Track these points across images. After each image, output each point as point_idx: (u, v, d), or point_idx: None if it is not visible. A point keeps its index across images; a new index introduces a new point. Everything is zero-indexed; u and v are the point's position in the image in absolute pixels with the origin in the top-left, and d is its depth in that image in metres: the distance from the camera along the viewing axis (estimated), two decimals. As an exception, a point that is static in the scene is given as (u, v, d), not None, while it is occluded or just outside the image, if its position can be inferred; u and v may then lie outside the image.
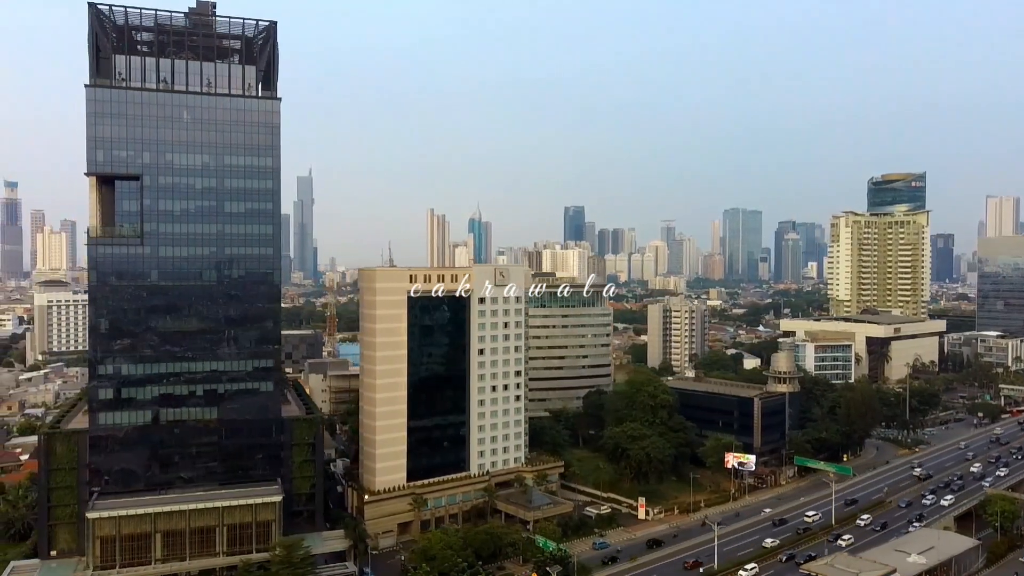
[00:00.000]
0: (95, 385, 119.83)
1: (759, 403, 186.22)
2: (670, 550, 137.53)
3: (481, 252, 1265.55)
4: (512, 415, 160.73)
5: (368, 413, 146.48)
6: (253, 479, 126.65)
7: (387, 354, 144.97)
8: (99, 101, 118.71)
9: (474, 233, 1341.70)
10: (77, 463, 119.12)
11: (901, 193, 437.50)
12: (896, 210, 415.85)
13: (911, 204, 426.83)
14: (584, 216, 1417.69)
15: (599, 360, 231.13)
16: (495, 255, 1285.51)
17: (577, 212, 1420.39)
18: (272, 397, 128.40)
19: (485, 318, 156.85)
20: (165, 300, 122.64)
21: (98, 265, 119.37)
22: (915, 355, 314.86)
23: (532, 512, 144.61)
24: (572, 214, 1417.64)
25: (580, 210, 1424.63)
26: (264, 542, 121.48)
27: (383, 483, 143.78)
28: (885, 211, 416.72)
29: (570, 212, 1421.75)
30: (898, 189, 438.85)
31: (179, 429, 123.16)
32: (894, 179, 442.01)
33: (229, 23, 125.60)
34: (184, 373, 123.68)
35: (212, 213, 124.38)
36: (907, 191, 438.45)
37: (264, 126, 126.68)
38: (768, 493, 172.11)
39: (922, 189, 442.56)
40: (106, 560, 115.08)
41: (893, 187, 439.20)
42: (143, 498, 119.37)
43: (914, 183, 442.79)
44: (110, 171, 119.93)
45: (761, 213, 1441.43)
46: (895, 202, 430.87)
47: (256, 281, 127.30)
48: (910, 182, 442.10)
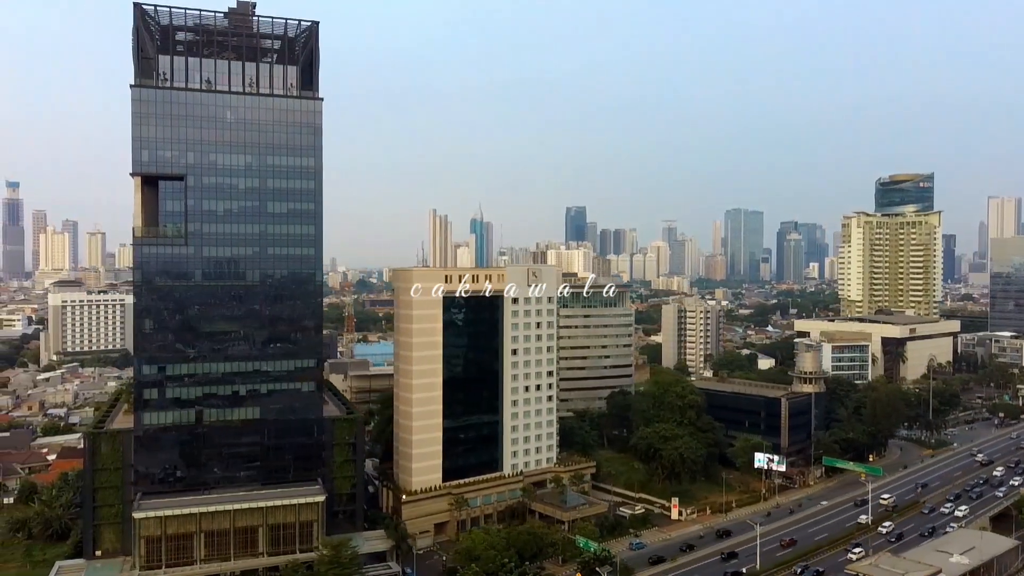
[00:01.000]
0: (139, 385, 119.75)
1: (786, 403, 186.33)
2: (735, 540, 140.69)
3: (482, 252, 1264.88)
4: (544, 415, 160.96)
5: (404, 413, 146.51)
6: (293, 479, 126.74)
7: (423, 354, 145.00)
8: (144, 101, 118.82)
9: (476, 233, 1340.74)
10: (122, 463, 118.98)
11: (909, 193, 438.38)
12: (904, 211, 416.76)
13: (919, 204, 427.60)
14: (586, 216, 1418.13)
15: (621, 360, 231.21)
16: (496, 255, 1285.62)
17: (579, 212, 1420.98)
18: (314, 397, 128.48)
19: (518, 318, 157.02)
20: (208, 300, 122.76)
21: (143, 265, 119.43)
22: (930, 355, 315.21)
23: (568, 512, 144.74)
24: (574, 214, 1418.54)
25: (582, 210, 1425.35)
26: (306, 542, 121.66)
27: (419, 483, 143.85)
28: (893, 212, 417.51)
29: (571, 212, 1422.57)
30: (906, 190, 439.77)
31: (221, 429, 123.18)
32: (902, 180, 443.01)
33: (272, 23, 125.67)
34: (227, 373, 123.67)
35: (255, 213, 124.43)
36: (915, 191, 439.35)
37: (306, 126, 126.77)
38: (798, 493, 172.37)
39: (930, 190, 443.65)
40: (151, 560, 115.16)
41: (901, 188, 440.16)
42: (186, 498, 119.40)
43: (922, 183, 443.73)
44: (155, 171, 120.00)
45: (762, 213, 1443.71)
46: (903, 203, 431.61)
47: (298, 281, 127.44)
48: (918, 183, 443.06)
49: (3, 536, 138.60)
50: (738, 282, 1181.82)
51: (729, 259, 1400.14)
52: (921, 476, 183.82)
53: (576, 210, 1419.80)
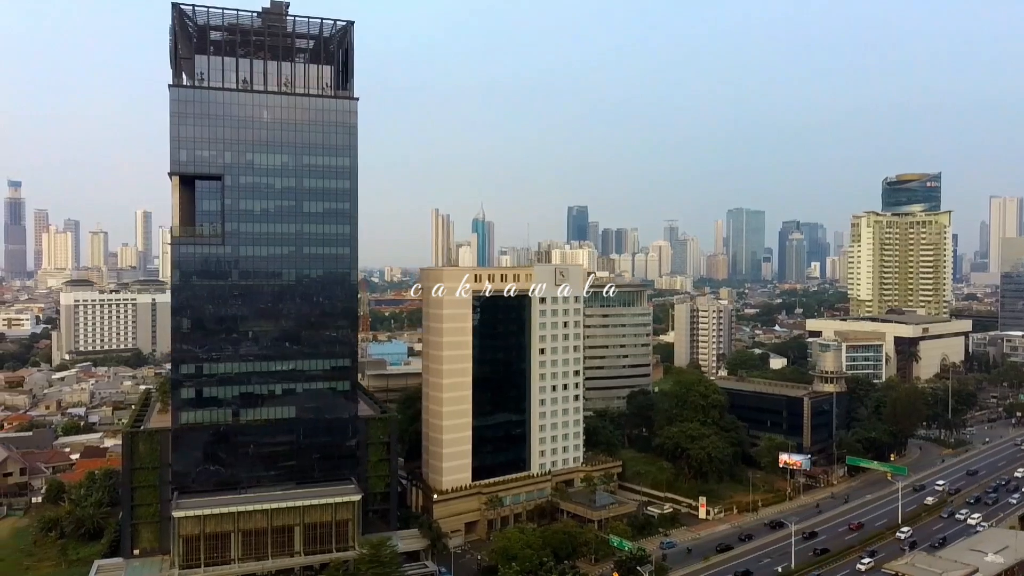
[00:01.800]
0: (176, 384, 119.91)
1: (809, 403, 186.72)
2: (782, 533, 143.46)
3: (484, 252, 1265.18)
4: (571, 415, 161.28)
5: (434, 412, 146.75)
6: (327, 478, 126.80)
7: (453, 353, 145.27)
8: (182, 101, 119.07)
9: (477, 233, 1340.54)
10: (159, 462, 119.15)
11: (916, 193, 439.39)
12: (911, 210, 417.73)
13: (926, 204, 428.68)
14: (587, 216, 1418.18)
15: (639, 360, 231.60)
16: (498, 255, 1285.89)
17: (580, 212, 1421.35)
18: (349, 396, 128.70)
19: (546, 318, 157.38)
20: (245, 299, 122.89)
21: (180, 265, 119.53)
22: (943, 355, 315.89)
23: (598, 512, 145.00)
24: (575, 214, 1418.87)
25: (584, 210, 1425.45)
26: (341, 542, 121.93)
27: (449, 482, 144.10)
28: (900, 211, 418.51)
29: (573, 212, 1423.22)
30: (913, 189, 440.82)
31: (257, 428, 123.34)
32: (909, 179, 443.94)
33: (308, 23, 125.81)
34: (262, 372, 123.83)
35: (291, 213, 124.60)
36: (922, 191, 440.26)
37: (342, 126, 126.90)
38: (822, 492, 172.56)
39: (937, 189, 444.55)
40: (189, 559, 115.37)
41: (908, 187, 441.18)
42: (223, 497, 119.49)
43: (929, 183, 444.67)
44: (193, 171, 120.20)
45: (764, 213, 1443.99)
46: (910, 202, 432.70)
47: (333, 280, 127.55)
48: (925, 182, 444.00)
49: (36, 535, 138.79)
50: (740, 281, 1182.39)
51: (731, 259, 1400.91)
52: (951, 473, 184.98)
53: (578, 209, 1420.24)
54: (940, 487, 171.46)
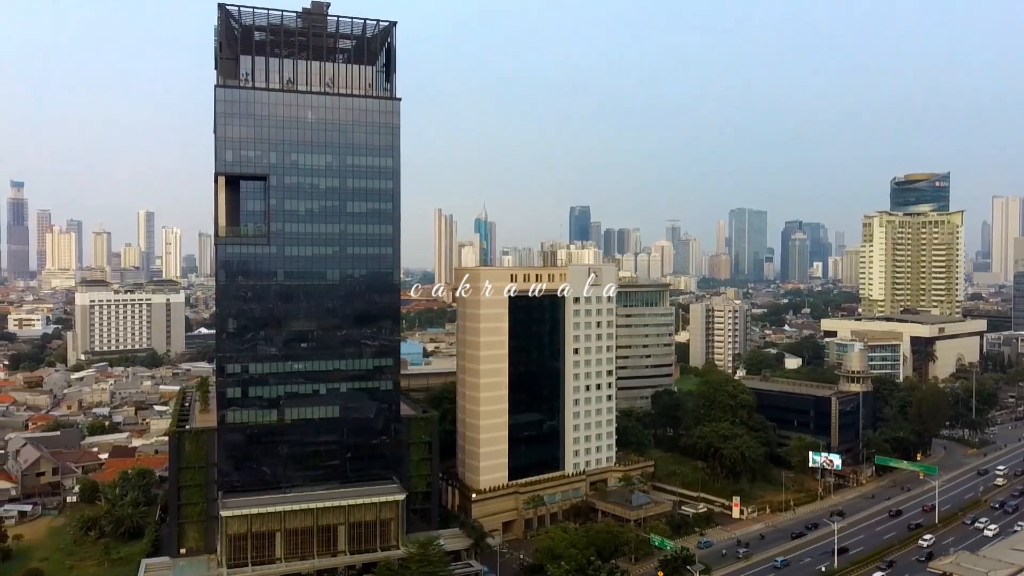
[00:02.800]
0: (222, 384, 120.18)
1: (837, 402, 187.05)
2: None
3: (487, 252, 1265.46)
4: (604, 414, 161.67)
5: (471, 412, 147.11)
6: (370, 478, 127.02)
7: (490, 353, 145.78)
8: (228, 101, 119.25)
9: (480, 233, 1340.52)
10: (205, 462, 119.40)
11: (924, 193, 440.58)
12: (919, 210, 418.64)
13: (934, 204, 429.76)
14: (590, 216, 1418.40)
15: (662, 360, 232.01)
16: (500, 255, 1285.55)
17: (583, 212, 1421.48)
18: (392, 395, 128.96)
19: (580, 317, 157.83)
20: (290, 299, 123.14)
21: (226, 265, 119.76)
22: (958, 355, 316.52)
23: (634, 511, 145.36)
24: (578, 214, 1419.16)
25: (586, 210, 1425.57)
26: (385, 541, 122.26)
27: (486, 482, 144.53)
28: (908, 211, 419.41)
29: (576, 212, 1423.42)
30: (921, 189, 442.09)
31: (301, 427, 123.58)
32: (917, 179, 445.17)
33: (352, 23, 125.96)
34: (307, 372, 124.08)
35: (335, 213, 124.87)
36: (931, 191, 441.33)
37: (384, 126, 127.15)
38: (853, 492, 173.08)
39: (946, 189, 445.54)
40: (236, 558, 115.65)
41: (916, 187, 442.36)
42: (269, 497, 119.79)
43: (938, 183, 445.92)
44: (238, 171, 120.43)
45: (766, 213, 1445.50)
46: (919, 202, 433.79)
47: (376, 280, 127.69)
48: (934, 182, 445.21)
49: (75, 534, 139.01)
50: (743, 281, 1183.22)
51: (733, 259, 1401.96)
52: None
53: (580, 210, 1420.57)
54: (1001, 471, 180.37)
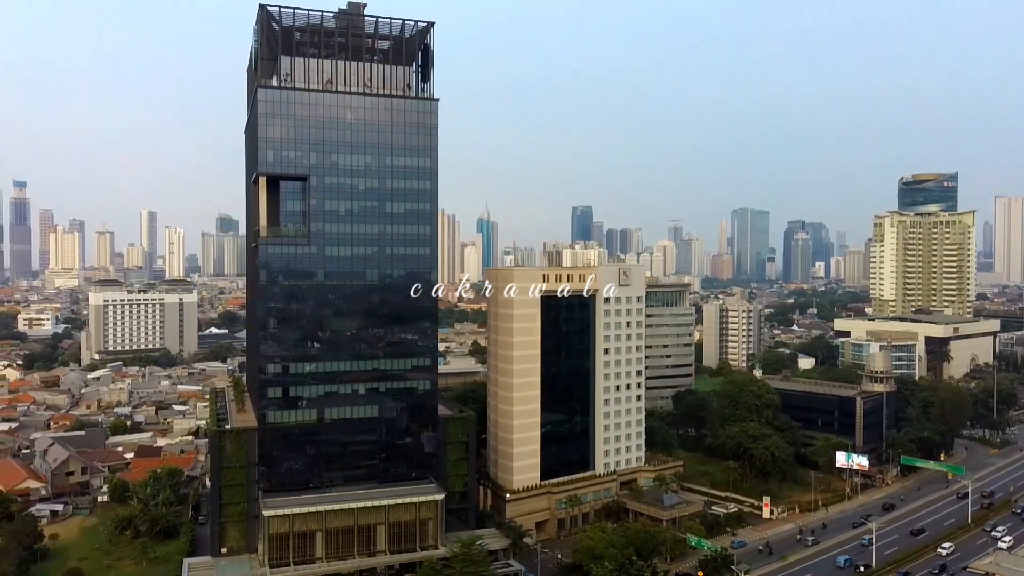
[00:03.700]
0: (263, 384, 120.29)
1: (862, 402, 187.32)
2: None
3: (489, 252, 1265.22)
4: (633, 415, 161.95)
5: (503, 412, 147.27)
6: (407, 477, 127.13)
7: (523, 353, 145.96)
8: (269, 102, 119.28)
9: (482, 233, 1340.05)
10: (246, 461, 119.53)
11: (932, 193, 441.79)
12: (927, 210, 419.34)
13: (942, 204, 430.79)
14: (592, 216, 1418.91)
15: (682, 360, 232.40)
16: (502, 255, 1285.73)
17: (585, 212, 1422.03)
18: (429, 395, 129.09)
19: (610, 318, 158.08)
20: (330, 299, 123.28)
21: (267, 265, 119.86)
22: (972, 354, 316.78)
23: (667, 511, 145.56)
24: (580, 214, 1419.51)
25: (588, 210, 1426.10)
26: (423, 541, 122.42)
27: (519, 482, 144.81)
28: (916, 211, 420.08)
29: (578, 212, 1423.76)
30: (929, 189, 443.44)
31: (341, 427, 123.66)
32: (925, 179, 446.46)
33: (390, 23, 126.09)
34: (346, 372, 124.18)
35: (374, 213, 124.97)
36: (939, 191, 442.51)
37: (423, 127, 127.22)
38: (880, 492, 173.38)
39: (954, 189, 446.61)
40: (277, 557, 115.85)
41: (924, 187, 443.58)
42: (309, 496, 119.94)
43: (946, 183, 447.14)
44: (280, 171, 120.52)
45: (768, 213, 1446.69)
46: (927, 202, 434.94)
47: (414, 280, 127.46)
48: (942, 182, 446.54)
49: (110, 534, 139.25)
50: (745, 281, 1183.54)
51: (735, 259, 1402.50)
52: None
53: (582, 210, 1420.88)
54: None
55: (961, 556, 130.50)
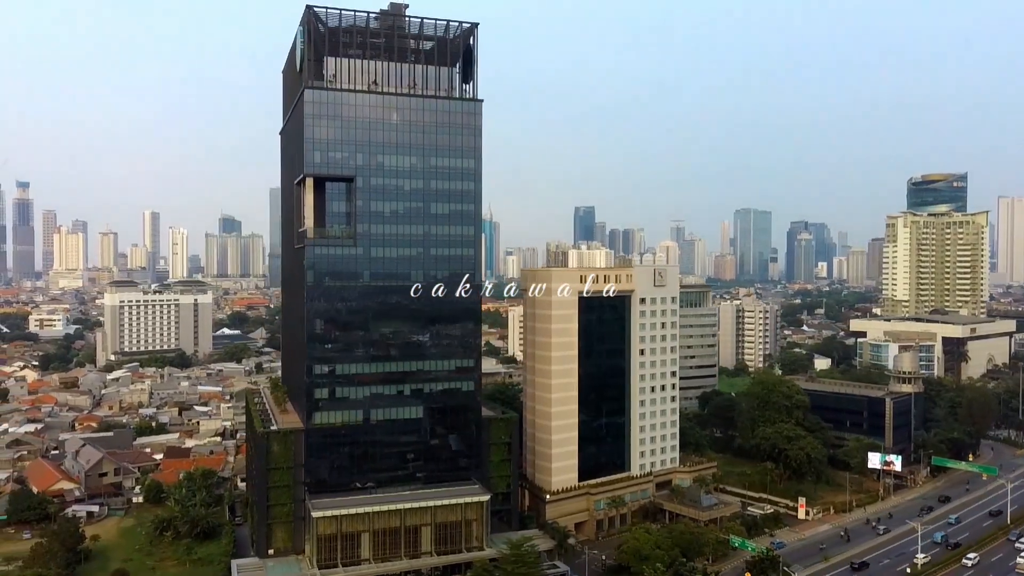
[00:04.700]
0: (311, 385, 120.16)
1: (891, 403, 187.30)
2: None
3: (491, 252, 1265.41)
4: (668, 415, 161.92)
5: (542, 413, 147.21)
6: (451, 478, 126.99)
7: (562, 354, 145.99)
8: (316, 103, 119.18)
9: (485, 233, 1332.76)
10: (293, 462, 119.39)
11: (942, 193, 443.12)
12: (937, 210, 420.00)
13: (952, 204, 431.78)
14: (594, 216, 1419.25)
15: (706, 361, 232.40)
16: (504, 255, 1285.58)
17: (587, 212, 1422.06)
18: (473, 396, 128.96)
19: (645, 318, 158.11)
20: (376, 300, 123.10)
21: (315, 266, 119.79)
22: (989, 355, 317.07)
23: (705, 512, 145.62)
24: (582, 214, 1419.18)
25: (590, 210, 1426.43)
26: (469, 542, 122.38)
27: (558, 483, 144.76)
28: (925, 211, 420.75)
29: (580, 212, 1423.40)
30: (939, 189, 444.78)
31: (386, 428, 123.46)
32: (935, 179, 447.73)
33: (435, 24, 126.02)
34: (392, 373, 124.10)
35: (419, 214, 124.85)
36: (948, 191, 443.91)
37: (467, 128, 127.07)
38: (913, 492, 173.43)
39: (963, 189, 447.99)
40: (326, 559, 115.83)
41: (934, 187, 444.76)
42: (356, 497, 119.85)
43: (955, 183, 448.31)
44: (327, 172, 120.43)
45: (770, 213, 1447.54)
46: (936, 202, 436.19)
47: (458, 281, 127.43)
48: (951, 182, 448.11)
49: (150, 535, 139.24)
50: (748, 282, 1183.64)
51: (738, 259, 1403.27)
52: None
53: (585, 210, 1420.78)
54: None
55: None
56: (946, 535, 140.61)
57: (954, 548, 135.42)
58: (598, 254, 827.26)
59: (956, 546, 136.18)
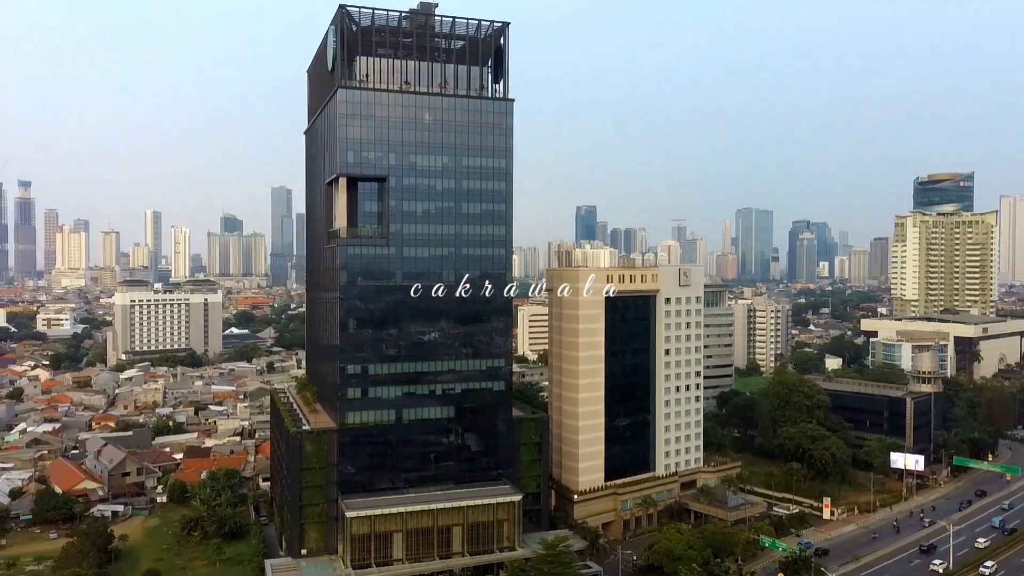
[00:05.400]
0: (343, 384, 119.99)
1: (912, 403, 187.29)
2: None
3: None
4: (692, 415, 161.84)
5: (569, 413, 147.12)
6: (482, 478, 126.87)
7: (588, 354, 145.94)
8: (349, 103, 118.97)
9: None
10: (326, 462, 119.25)
11: (949, 193, 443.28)
12: (944, 210, 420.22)
13: (959, 204, 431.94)
14: (596, 216, 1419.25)
15: (722, 360, 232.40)
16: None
17: (589, 212, 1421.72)
18: (504, 396, 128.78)
19: (670, 318, 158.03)
20: (408, 300, 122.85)
21: (348, 266, 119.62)
22: (1000, 354, 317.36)
23: (732, 512, 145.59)
24: (584, 214, 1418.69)
25: (592, 209, 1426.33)
26: (500, 542, 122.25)
27: (585, 483, 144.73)
28: (932, 211, 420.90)
29: (582, 212, 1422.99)
30: (946, 189, 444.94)
31: (418, 428, 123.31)
32: (941, 179, 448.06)
33: (467, 24, 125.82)
34: (423, 372, 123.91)
35: (450, 214, 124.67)
36: (955, 191, 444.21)
37: (498, 127, 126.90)
38: (935, 492, 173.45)
39: (970, 189, 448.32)
40: (360, 559, 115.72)
41: (941, 187, 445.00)
42: (388, 497, 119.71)
43: (962, 183, 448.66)
44: (359, 172, 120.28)
45: (772, 213, 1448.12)
46: (943, 202, 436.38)
47: (490, 281, 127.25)
48: (958, 182, 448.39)
49: (178, 535, 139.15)
50: (750, 281, 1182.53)
51: (740, 258, 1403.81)
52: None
53: (586, 209, 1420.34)
54: None
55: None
56: (1003, 520, 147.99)
57: (1010, 533, 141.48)
58: (603, 253, 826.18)
59: (1012, 531, 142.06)
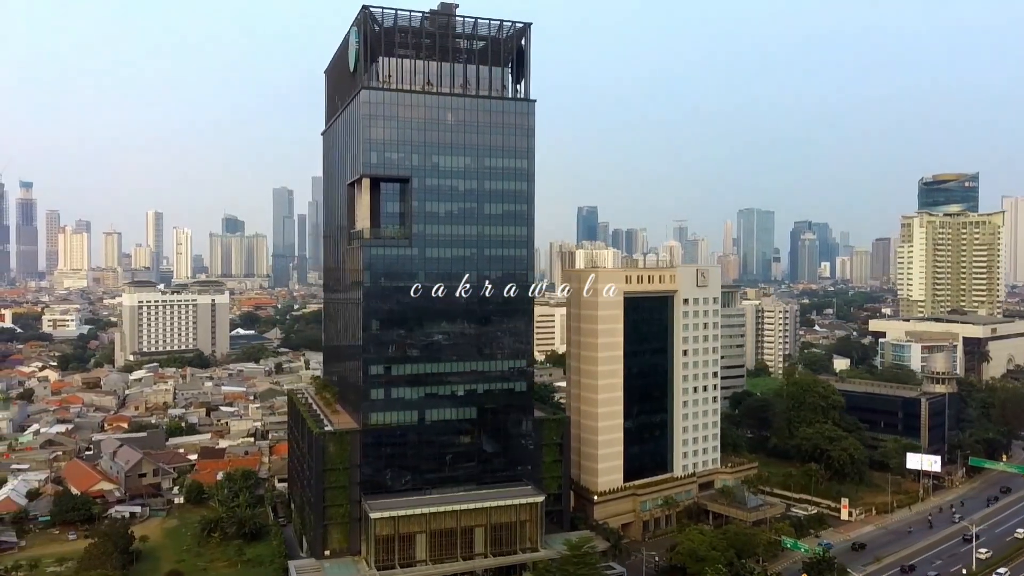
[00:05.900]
0: (367, 385, 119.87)
1: (926, 403, 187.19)
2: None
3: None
4: (710, 416, 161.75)
5: (588, 414, 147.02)
6: (504, 479, 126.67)
7: (608, 355, 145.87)
8: (373, 103, 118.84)
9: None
10: (348, 463, 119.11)
11: (954, 193, 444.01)
12: (949, 210, 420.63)
13: (963, 204, 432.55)
14: (597, 216, 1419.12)
15: (735, 361, 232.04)
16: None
17: (590, 212, 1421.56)
18: (525, 397, 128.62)
19: (688, 319, 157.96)
20: (431, 301, 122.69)
21: (371, 267, 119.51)
22: (1008, 355, 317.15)
23: (751, 513, 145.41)
24: (585, 214, 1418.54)
25: (594, 210, 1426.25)
26: (523, 543, 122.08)
27: (604, 484, 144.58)
28: (938, 211, 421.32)
29: (583, 212, 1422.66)
30: (951, 189, 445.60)
31: (441, 429, 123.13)
32: (946, 179, 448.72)
33: (489, 24, 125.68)
34: (446, 373, 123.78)
35: (473, 215, 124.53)
36: (960, 191, 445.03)
37: (520, 128, 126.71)
38: (952, 493, 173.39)
39: (975, 189, 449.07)
40: (383, 560, 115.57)
41: (945, 187, 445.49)
42: (411, 498, 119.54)
43: (967, 183, 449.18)
44: (383, 173, 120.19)
45: (773, 213, 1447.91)
46: (948, 202, 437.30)
47: (512, 282, 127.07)
48: (963, 182, 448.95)
49: (198, 536, 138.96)
50: (752, 282, 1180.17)
51: (741, 259, 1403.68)
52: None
53: (588, 210, 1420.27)
54: None
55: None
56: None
57: None
58: (607, 254, 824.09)
59: None
